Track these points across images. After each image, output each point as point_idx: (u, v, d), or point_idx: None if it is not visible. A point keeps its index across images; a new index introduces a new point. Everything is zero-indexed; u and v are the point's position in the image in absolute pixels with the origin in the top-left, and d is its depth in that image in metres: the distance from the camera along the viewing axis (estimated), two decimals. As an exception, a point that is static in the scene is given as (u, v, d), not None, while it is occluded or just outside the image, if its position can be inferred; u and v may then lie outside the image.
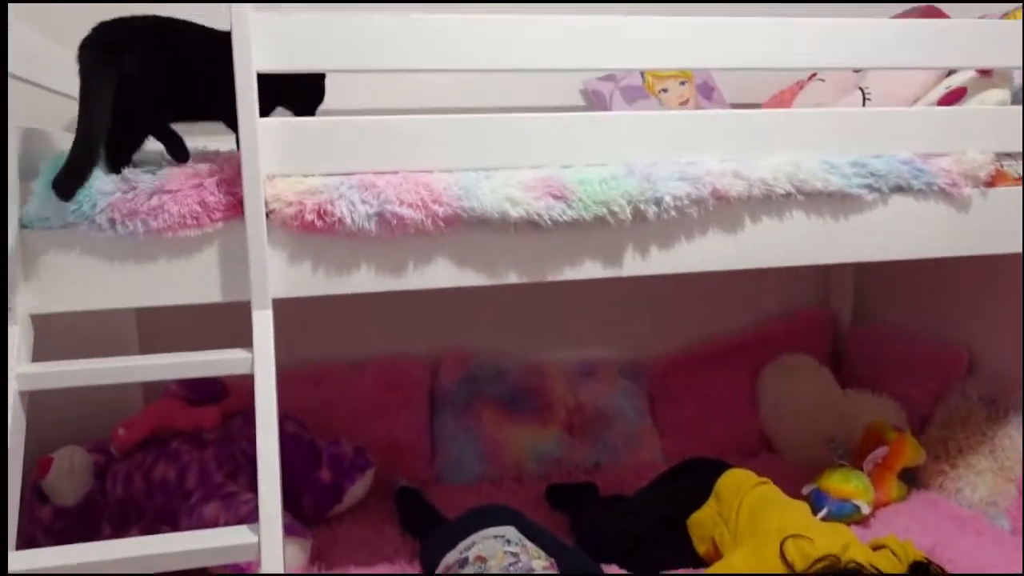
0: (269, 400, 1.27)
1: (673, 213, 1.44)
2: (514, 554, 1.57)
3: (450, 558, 1.62)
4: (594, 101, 2.26)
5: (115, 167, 1.32)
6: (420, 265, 1.39)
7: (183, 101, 1.38)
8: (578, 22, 1.41)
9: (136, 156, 1.37)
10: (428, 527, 1.86)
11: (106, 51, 1.29)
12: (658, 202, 1.43)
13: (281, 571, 1.17)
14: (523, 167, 1.42)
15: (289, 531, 1.70)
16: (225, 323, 1.52)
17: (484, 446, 2.27)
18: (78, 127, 1.25)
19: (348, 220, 1.31)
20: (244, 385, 1.27)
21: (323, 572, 1.74)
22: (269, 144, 1.30)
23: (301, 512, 1.90)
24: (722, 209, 1.49)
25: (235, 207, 1.30)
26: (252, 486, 1.77)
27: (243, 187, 1.27)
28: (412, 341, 2.38)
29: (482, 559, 1.57)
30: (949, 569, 1.61)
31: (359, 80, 1.97)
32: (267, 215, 1.30)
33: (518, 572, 1.51)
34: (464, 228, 1.37)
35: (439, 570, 1.62)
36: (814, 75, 2.20)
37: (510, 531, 1.65)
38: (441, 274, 1.40)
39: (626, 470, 2.27)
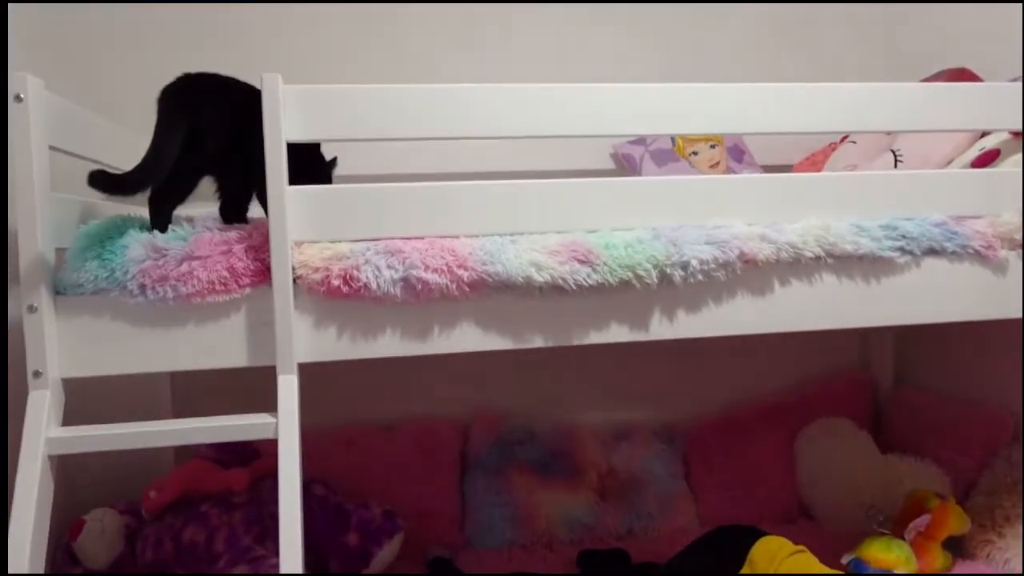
0: (292, 464, 1.27)
1: (700, 277, 1.43)
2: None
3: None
4: (625, 164, 2.27)
5: (159, 216, 1.35)
6: (445, 329, 1.39)
7: (235, 160, 1.42)
8: (608, 90, 1.43)
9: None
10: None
11: (185, 98, 1.36)
12: (684, 266, 1.42)
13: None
14: (549, 232, 1.43)
15: (315, 598, 1.69)
16: (258, 383, 1.53)
17: (515, 511, 2.24)
18: (145, 157, 1.30)
19: (374, 285, 1.32)
20: (275, 447, 1.27)
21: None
22: (296, 210, 1.32)
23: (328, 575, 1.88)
24: (750, 273, 1.47)
25: (263, 273, 1.32)
26: (279, 550, 1.76)
27: (271, 253, 1.30)
28: (443, 404, 2.38)
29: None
30: (996, 647, 1.54)
31: (387, 146, 2.01)
32: (294, 281, 1.32)
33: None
34: (489, 292, 1.38)
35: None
36: (846, 137, 2.20)
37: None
38: (466, 338, 1.40)
39: (660, 537, 2.22)
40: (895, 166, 1.90)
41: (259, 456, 2.02)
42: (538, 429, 2.36)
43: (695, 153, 2.24)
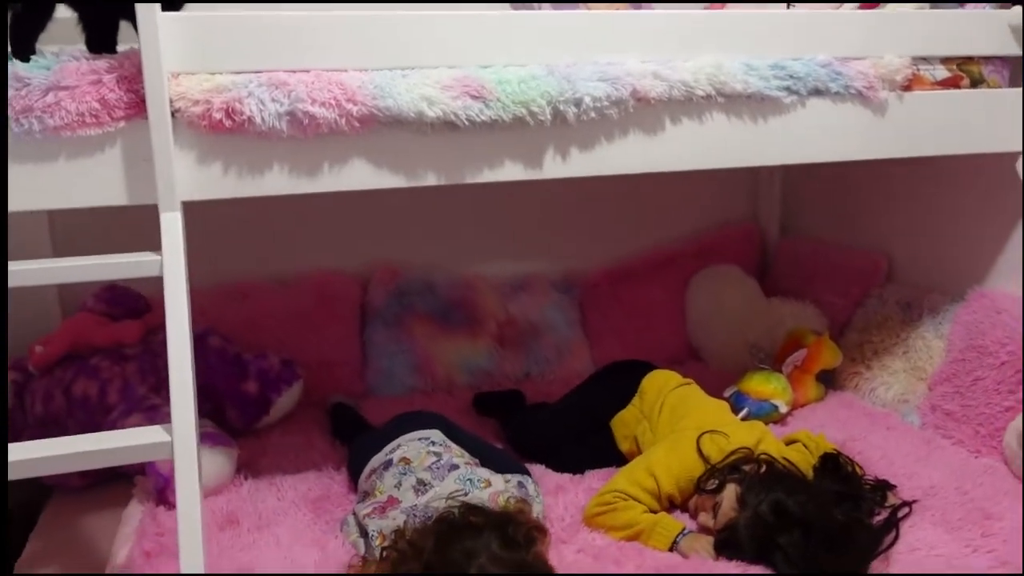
0: (180, 304, 1.25)
1: (593, 115, 1.43)
2: (436, 454, 1.60)
3: (375, 461, 1.64)
4: (522, 7, 2.21)
5: (19, 44, 1.26)
6: (335, 166, 1.36)
7: None
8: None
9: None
10: (358, 434, 1.87)
11: None
12: (578, 103, 1.41)
13: (197, 471, 1.17)
14: (440, 67, 1.39)
15: (214, 441, 1.70)
16: (146, 228, 1.47)
17: (415, 359, 2.28)
18: None
19: (258, 119, 1.27)
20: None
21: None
22: (172, 39, 1.25)
23: (228, 424, 1.89)
24: (642, 111, 1.48)
25: (138, 105, 1.25)
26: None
27: (144, 84, 1.22)
28: (341, 257, 2.36)
29: (407, 460, 1.59)
30: (859, 459, 1.68)
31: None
32: (172, 114, 1.26)
33: (439, 471, 1.54)
34: (380, 128, 1.35)
35: (364, 473, 1.64)
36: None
37: (435, 434, 1.68)
38: (357, 175, 1.37)
39: (556, 380, 2.30)
40: (788, 7, 1.92)
41: (150, 309, 1.98)
42: (437, 280, 2.38)
43: (594, -2, 2.19)
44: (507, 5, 2.20)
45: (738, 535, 1.43)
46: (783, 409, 1.98)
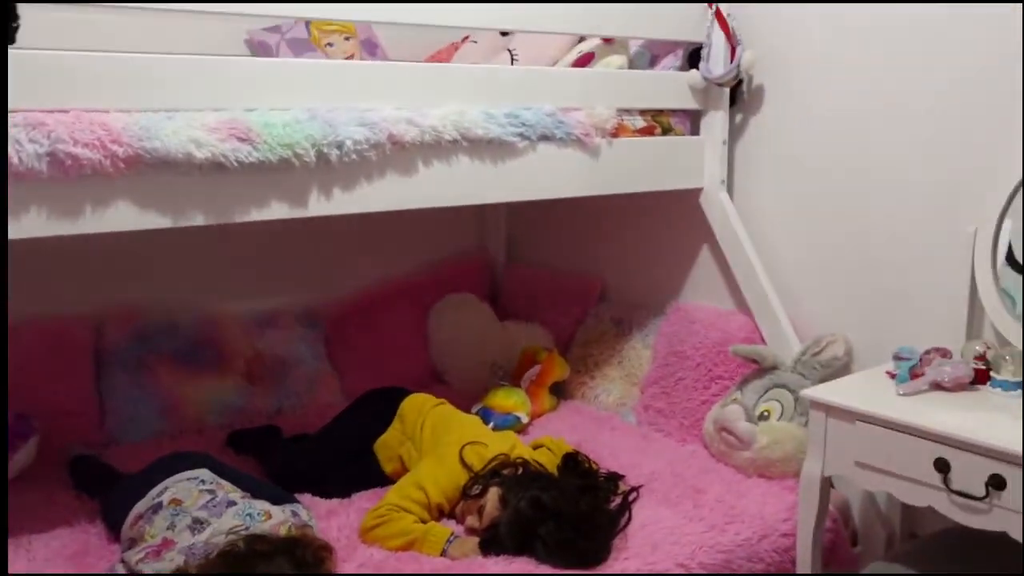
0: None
1: (354, 156, 1.55)
2: (210, 492, 1.60)
3: (141, 506, 1.60)
4: (259, 52, 2.26)
5: None
6: (98, 208, 1.35)
7: None
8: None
9: None
10: (108, 484, 1.80)
11: None
12: (340, 145, 1.52)
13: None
14: (206, 109, 1.43)
15: (-52, 505, 1.56)
16: None
17: (161, 402, 2.22)
18: None
19: (16, 160, 1.24)
20: None
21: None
22: (-87, 75, 1.18)
23: (-42, 486, 1.73)
24: (398, 153, 1.62)
25: None
26: None
27: None
28: (70, 301, 2.22)
29: (177, 501, 1.58)
30: (593, 456, 1.93)
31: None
32: (-85, 154, 1.19)
33: (216, 508, 1.55)
34: (146, 170, 1.36)
35: (129, 521, 1.59)
36: (467, 38, 2.40)
37: (204, 472, 1.67)
38: (122, 217, 1.37)
39: (308, 412, 2.34)
40: (511, 64, 2.15)
41: None
42: (180, 320, 2.33)
43: (330, 44, 2.29)
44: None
45: (501, 532, 1.59)
46: (525, 419, 2.21)
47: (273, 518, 1.54)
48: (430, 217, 2.39)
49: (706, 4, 2.01)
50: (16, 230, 1.29)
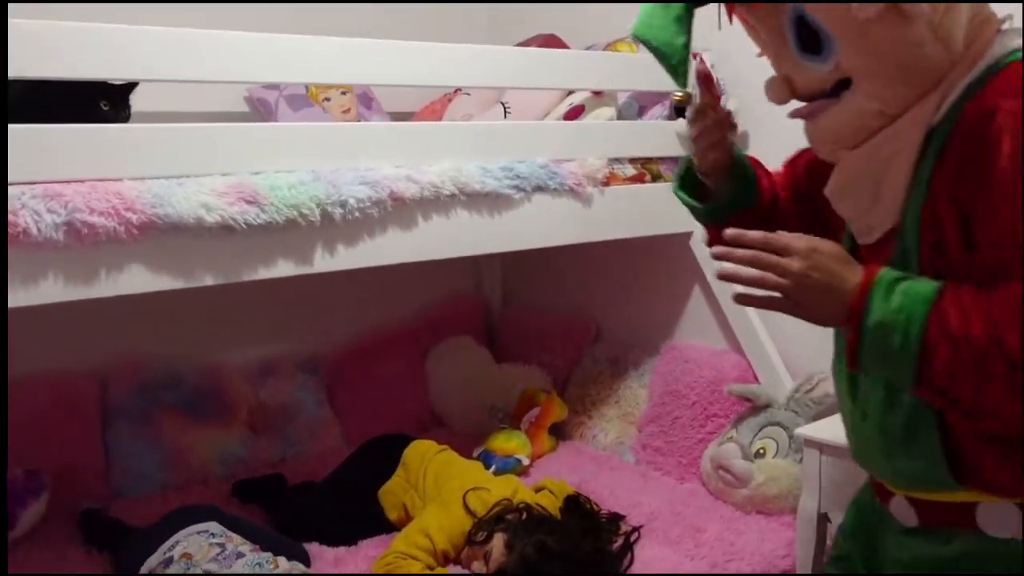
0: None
1: (357, 214, 1.61)
2: (220, 545, 1.64)
3: (152, 561, 1.63)
4: (259, 109, 2.33)
5: None
6: (112, 272, 1.39)
7: None
8: (247, 37, 1.51)
9: None
10: (119, 539, 1.83)
11: None
12: (343, 204, 1.58)
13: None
14: (214, 174, 1.49)
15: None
16: None
17: (165, 454, 2.24)
18: None
19: (34, 230, 1.29)
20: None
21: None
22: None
23: (-30, 545, 1.76)
24: (399, 209, 1.68)
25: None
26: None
27: (-90, 198, 1.20)
28: (76, 354, 2.26)
29: (188, 556, 1.61)
30: (593, 497, 1.97)
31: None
32: (-60, 227, 1.24)
33: (226, 560, 1.58)
34: (158, 234, 1.41)
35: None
36: (459, 90, 2.48)
37: (213, 525, 1.71)
38: (135, 280, 1.42)
39: (311, 459, 2.37)
40: (504, 116, 2.22)
41: None
42: (183, 371, 2.37)
43: (327, 99, 2.37)
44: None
45: (508, 576, 1.63)
46: (526, 462, 2.24)
47: (280, 567, 1.57)
48: (427, 263, 2.43)
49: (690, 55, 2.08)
50: (34, 296, 1.33)
